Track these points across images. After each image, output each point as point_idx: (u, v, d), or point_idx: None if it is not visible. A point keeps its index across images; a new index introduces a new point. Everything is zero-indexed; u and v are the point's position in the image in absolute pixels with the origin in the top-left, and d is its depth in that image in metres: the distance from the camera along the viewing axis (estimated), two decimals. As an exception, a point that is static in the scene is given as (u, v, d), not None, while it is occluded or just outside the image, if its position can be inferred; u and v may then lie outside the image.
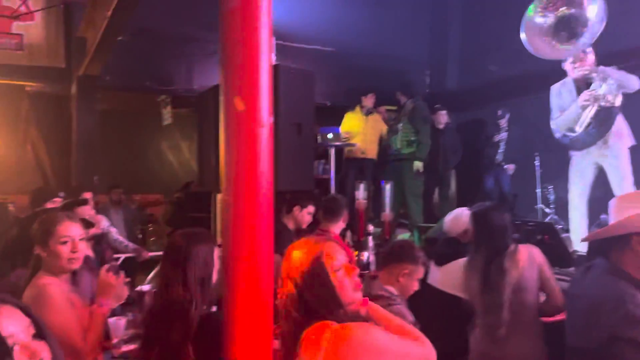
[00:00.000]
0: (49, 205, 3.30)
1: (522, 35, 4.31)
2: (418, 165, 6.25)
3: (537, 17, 4.27)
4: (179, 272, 1.98)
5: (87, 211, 3.24)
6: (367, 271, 4.40)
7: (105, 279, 2.15)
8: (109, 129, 8.60)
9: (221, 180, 1.96)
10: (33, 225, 2.18)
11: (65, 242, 2.06)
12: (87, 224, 2.65)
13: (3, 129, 8.09)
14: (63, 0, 6.37)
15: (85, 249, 2.23)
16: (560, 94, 4.58)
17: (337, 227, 3.71)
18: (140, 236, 8.12)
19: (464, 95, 8.35)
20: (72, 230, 2.10)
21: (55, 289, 1.98)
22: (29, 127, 7.06)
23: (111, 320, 2.65)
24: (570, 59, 4.42)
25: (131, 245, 5.01)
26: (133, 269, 5.36)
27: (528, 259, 2.64)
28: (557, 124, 4.60)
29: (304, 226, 3.98)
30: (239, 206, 1.89)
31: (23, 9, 5.87)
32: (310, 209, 3.97)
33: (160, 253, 5.06)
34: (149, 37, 6.79)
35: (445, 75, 8.78)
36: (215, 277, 2.05)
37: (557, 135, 4.66)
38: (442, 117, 7.17)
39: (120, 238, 5.00)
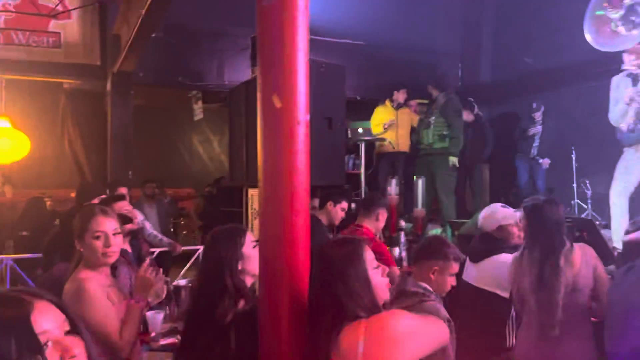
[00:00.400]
0: (94, 202, 3.38)
1: (588, 36, 4.29)
2: (453, 160, 6.18)
3: (604, 11, 4.24)
4: (200, 268, 2.05)
5: (125, 206, 3.29)
6: (398, 267, 4.39)
7: (144, 275, 2.18)
8: (142, 124, 8.76)
9: (258, 177, 1.98)
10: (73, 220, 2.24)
11: (98, 237, 2.08)
12: (125, 219, 2.71)
13: (41, 125, 8.31)
14: (98, -1, 6.50)
15: (121, 244, 2.25)
16: (617, 86, 4.48)
17: (372, 223, 3.68)
18: (172, 230, 8.27)
19: (497, 88, 8.21)
20: (105, 225, 2.11)
21: (93, 283, 2.01)
22: (66, 123, 7.24)
23: (149, 314, 2.71)
24: (628, 51, 4.33)
25: (165, 239, 5.09)
26: (167, 262, 5.46)
27: (583, 259, 2.55)
28: (610, 117, 4.53)
29: (337, 222, 3.98)
30: (276, 202, 1.89)
31: (60, 7, 6.01)
32: (344, 205, 3.97)
33: (194, 247, 5.15)
34: (181, 33, 6.87)
35: (478, 67, 8.63)
36: (252, 269, 2.06)
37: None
38: (468, 115, 7.10)
39: (155, 232, 5.09)
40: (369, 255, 1.71)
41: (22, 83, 7.61)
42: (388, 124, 6.75)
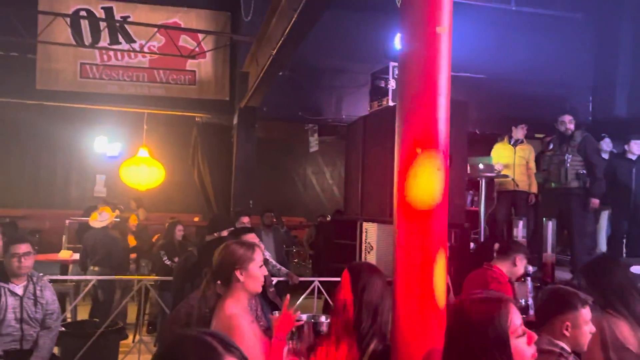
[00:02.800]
0: (224, 234, 3.58)
1: None
2: (595, 202, 5.72)
3: None
4: (355, 298, 2.06)
5: (252, 238, 3.43)
6: (524, 315, 4.10)
7: (288, 315, 2.25)
8: (262, 156, 9.21)
9: (394, 221, 1.97)
10: (211, 250, 2.36)
11: (261, 266, 2.22)
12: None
13: (174, 155, 9.05)
14: (230, 40, 6.99)
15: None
16: None
17: (507, 267, 3.61)
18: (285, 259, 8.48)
19: (635, 123, 7.51)
20: (262, 255, 2.28)
21: (242, 320, 2.08)
22: (196, 153, 7.81)
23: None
24: None
25: (283, 269, 5.21)
26: (283, 293, 5.58)
27: None
28: None
29: None
30: (413, 249, 1.87)
31: (197, 49, 6.57)
32: None
33: (310, 279, 5.21)
34: (303, 70, 7.17)
35: (612, 101, 7.99)
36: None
37: None
38: (607, 145, 6.56)
39: (274, 262, 5.24)
40: (514, 319, 1.52)
41: (160, 117, 8.39)
42: (499, 168, 6.40)
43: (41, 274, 3.69)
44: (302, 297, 5.45)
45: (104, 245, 5.94)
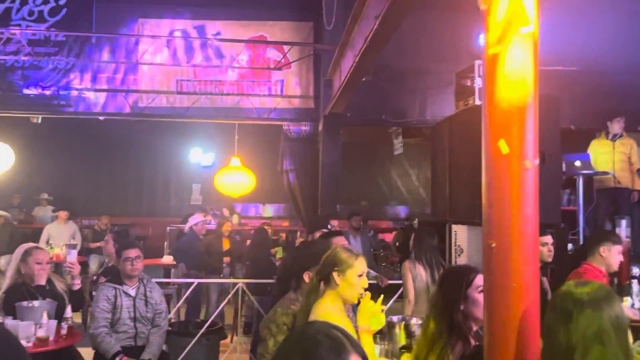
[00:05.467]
0: (316, 234, 3.73)
1: None
2: None
3: None
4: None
5: (341, 241, 3.54)
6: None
7: (369, 304, 2.32)
8: (347, 160, 9.34)
9: (482, 223, 1.97)
10: (301, 251, 2.50)
11: (361, 276, 2.34)
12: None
13: (264, 162, 9.43)
14: (314, 49, 7.19)
15: None
16: None
17: (597, 261, 3.48)
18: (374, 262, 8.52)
19: None
20: (365, 267, 2.39)
21: (339, 319, 2.19)
22: (284, 160, 8.09)
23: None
24: None
25: (372, 272, 5.27)
26: (373, 297, 5.63)
27: None
28: None
29: None
30: (504, 252, 1.86)
31: (283, 60, 6.82)
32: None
33: (399, 282, 5.22)
34: (386, 74, 7.18)
35: None
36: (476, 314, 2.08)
37: None
38: None
39: (362, 265, 5.31)
40: None
41: (249, 127, 8.78)
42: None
43: (149, 277, 4.03)
44: (392, 300, 5.47)
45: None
